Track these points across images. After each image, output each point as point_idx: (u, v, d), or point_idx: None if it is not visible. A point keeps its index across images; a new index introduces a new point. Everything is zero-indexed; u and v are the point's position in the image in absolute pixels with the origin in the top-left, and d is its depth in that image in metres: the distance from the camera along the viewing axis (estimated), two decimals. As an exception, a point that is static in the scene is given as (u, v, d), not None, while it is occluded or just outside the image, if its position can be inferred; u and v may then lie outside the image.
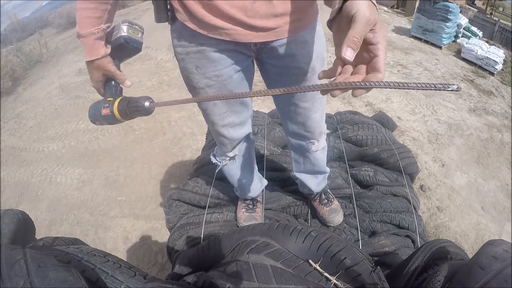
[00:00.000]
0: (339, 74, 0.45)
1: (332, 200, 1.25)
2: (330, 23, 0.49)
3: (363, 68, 0.44)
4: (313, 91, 0.42)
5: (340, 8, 0.44)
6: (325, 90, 0.42)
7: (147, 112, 0.71)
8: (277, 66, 0.79)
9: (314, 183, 1.20)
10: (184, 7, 0.66)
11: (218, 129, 0.93)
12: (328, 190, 1.29)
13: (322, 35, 0.82)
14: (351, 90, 0.41)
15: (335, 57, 0.46)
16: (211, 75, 0.77)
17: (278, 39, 0.70)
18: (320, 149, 1.08)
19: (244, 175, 1.16)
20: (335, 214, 1.20)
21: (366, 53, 0.44)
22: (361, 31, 0.40)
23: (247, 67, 0.82)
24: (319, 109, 0.94)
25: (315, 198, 1.25)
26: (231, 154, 1.05)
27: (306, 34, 0.74)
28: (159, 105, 0.69)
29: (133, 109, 0.72)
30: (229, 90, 0.81)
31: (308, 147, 1.06)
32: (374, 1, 0.43)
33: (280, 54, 0.75)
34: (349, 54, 0.40)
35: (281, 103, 0.95)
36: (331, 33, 0.50)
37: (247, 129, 0.99)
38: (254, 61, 0.85)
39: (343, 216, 1.23)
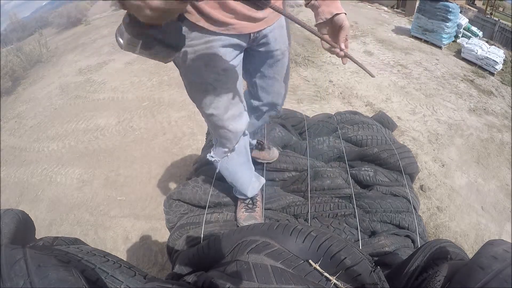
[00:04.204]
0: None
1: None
2: (319, 25, 0.75)
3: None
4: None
5: (330, 19, 0.72)
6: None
7: (177, 48, 0.52)
8: (262, 51, 0.93)
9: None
10: (196, 9, 0.73)
11: (223, 124, 0.95)
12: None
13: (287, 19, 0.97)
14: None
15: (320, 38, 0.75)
16: (219, 69, 0.83)
17: (267, 26, 0.85)
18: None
19: (242, 172, 1.17)
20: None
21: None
22: (347, 33, 0.72)
23: (241, 58, 0.92)
24: (287, 77, 1.09)
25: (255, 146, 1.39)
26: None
27: (282, 20, 0.92)
28: None
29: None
30: (233, 82, 0.88)
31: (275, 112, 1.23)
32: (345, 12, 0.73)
33: (269, 39, 0.90)
34: (345, 46, 0.71)
35: (260, 78, 1.05)
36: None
37: (245, 119, 1.01)
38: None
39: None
